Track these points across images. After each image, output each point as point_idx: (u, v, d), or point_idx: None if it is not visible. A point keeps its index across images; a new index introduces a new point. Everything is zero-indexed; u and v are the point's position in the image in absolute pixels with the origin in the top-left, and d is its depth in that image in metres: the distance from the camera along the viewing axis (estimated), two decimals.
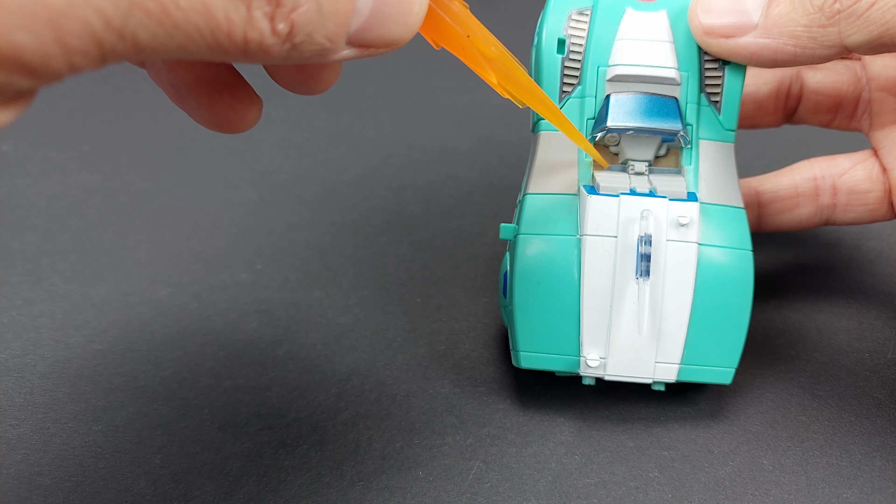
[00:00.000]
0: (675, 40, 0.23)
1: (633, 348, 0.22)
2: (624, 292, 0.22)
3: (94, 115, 0.40)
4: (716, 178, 0.23)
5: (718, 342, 0.22)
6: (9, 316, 0.27)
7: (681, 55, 0.23)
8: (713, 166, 0.23)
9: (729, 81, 0.23)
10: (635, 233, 0.22)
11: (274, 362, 0.26)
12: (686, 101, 0.23)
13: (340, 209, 0.33)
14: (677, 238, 0.22)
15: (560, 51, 0.24)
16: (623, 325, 0.22)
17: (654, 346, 0.22)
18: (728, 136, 0.23)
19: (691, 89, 0.23)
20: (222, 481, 0.22)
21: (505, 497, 0.21)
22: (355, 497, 0.21)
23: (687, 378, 0.22)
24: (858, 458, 0.22)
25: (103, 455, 0.22)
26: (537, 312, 0.22)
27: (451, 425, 0.23)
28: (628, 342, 0.22)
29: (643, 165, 0.23)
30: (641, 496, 0.21)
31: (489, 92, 0.35)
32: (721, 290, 0.22)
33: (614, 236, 0.22)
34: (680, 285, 0.22)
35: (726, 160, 0.23)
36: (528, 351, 0.23)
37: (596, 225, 0.22)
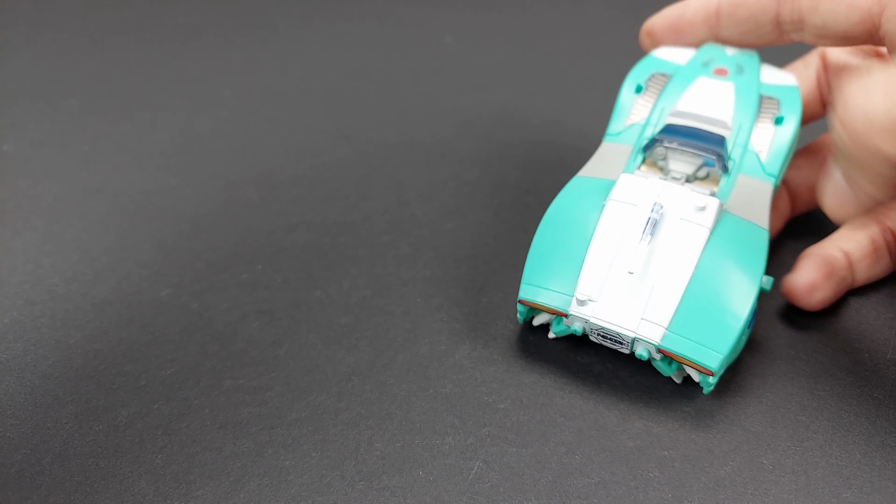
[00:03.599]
0: (736, 103, 0.26)
1: (624, 297, 0.23)
2: (628, 251, 0.23)
3: (95, 116, 0.40)
4: (746, 202, 0.24)
5: (712, 323, 0.22)
6: (10, 316, 0.27)
7: (737, 112, 0.26)
8: (746, 193, 0.25)
9: (778, 136, 0.25)
10: (651, 202, 0.24)
11: (275, 362, 0.26)
12: (734, 144, 0.26)
13: (340, 209, 0.33)
14: (691, 219, 0.23)
15: (637, 91, 0.28)
16: (619, 275, 0.23)
17: (644, 300, 0.22)
18: (768, 178, 0.25)
19: (741, 136, 0.26)
20: (223, 481, 0.22)
21: (505, 497, 0.21)
22: (356, 497, 0.21)
23: (670, 346, 0.22)
24: (858, 458, 0.22)
25: (104, 455, 0.23)
26: (548, 253, 0.24)
27: (451, 425, 0.23)
28: (620, 289, 0.23)
29: (681, 175, 0.25)
30: (641, 496, 0.21)
31: (489, 92, 0.36)
32: (724, 279, 0.22)
33: (634, 204, 0.24)
34: (683, 259, 0.23)
35: (761, 194, 0.25)
36: (529, 283, 0.24)
37: (620, 194, 0.25)
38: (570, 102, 0.43)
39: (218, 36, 0.50)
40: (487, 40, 0.51)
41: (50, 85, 0.43)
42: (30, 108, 0.41)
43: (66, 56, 0.47)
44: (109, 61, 0.46)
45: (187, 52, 0.48)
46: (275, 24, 0.51)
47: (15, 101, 0.42)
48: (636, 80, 0.28)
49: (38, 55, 0.47)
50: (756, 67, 0.28)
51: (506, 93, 0.44)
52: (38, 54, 0.47)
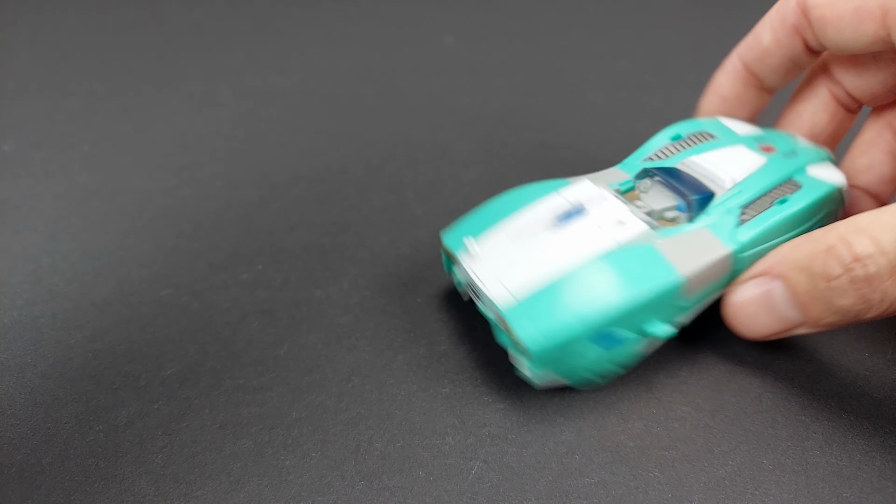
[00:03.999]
0: (753, 173, 0.26)
1: (501, 262, 0.24)
2: (531, 228, 0.25)
3: (95, 116, 0.40)
4: (682, 249, 0.23)
5: (558, 318, 0.22)
6: (10, 316, 0.27)
7: (748, 180, 0.26)
8: (691, 244, 0.24)
9: (770, 214, 0.25)
10: (582, 200, 0.25)
11: (275, 362, 0.26)
12: (722, 204, 0.25)
13: (340, 209, 0.33)
14: (607, 229, 0.24)
15: (673, 138, 0.28)
16: (511, 244, 0.24)
17: (515, 271, 0.23)
18: (729, 243, 0.24)
19: (735, 200, 0.25)
20: (223, 481, 0.22)
21: (505, 496, 0.21)
22: (356, 497, 0.21)
23: (508, 318, 0.22)
24: (858, 458, 0.22)
25: (104, 455, 0.23)
26: (480, 215, 0.26)
27: (451, 425, 0.23)
28: (503, 255, 0.24)
29: (647, 207, 0.26)
30: (641, 496, 0.21)
31: (489, 92, 0.36)
32: (599, 291, 0.22)
33: (572, 203, 0.25)
34: (574, 255, 0.23)
35: (707, 250, 0.23)
36: (451, 230, 0.26)
37: (569, 191, 0.26)
38: (570, 102, 0.43)
39: (218, 36, 0.50)
40: (487, 40, 0.51)
41: (50, 85, 0.43)
42: (30, 108, 0.41)
43: (66, 56, 0.46)
44: (109, 61, 0.46)
45: (187, 52, 0.48)
46: (275, 24, 0.51)
47: (15, 101, 0.42)
48: (679, 129, 0.28)
49: (38, 55, 0.47)
50: (812, 158, 0.27)
51: (506, 93, 0.44)
52: (38, 54, 0.47)
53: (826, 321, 0.22)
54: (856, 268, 0.20)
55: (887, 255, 0.20)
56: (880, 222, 0.20)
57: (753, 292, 0.23)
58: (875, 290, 0.20)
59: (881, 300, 0.20)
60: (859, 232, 0.20)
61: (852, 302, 0.21)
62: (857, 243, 0.20)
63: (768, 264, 0.23)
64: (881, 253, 0.20)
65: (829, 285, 0.21)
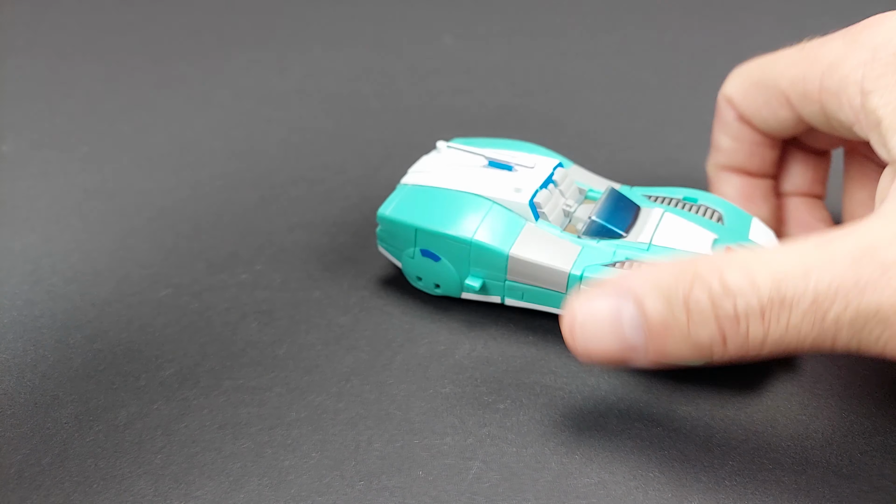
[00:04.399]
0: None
1: (433, 166, 0.28)
2: (470, 161, 0.28)
3: (94, 116, 0.40)
4: (543, 240, 0.26)
5: (413, 205, 0.27)
6: (10, 316, 0.27)
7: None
8: (551, 243, 0.26)
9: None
10: (521, 163, 0.28)
11: (274, 362, 0.26)
12: (622, 244, 0.25)
13: (340, 209, 0.33)
14: (503, 185, 0.27)
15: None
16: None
17: (427, 173, 0.28)
18: (577, 268, 0.25)
19: (628, 250, 0.25)
20: (223, 481, 0.22)
21: (505, 497, 0.21)
22: (355, 497, 0.21)
23: (393, 193, 0.28)
24: (858, 458, 0.22)
25: (104, 455, 0.23)
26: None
27: (451, 425, 0.23)
28: (440, 162, 0.29)
29: (569, 206, 0.27)
30: (641, 496, 0.21)
31: (489, 92, 0.35)
32: (446, 209, 0.27)
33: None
34: (461, 184, 0.27)
35: (554, 256, 0.25)
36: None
37: (525, 155, 0.29)
38: (570, 102, 0.43)
39: (217, 36, 0.50)
40: (487, 40, 0.51)
41: (50, 85, 0.43)
42: (30, 108, 0.41)
43: (66, 56, 0.46)
44: (109, 61, 0.46)
45: (187, 52, 0.48)
46: (274, 24, 0.51)
47: (15, 102, 0.42)
48: (702, 197, 0.28)
49: (38, 55, 0.47)
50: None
51: (506, 93, 0.44)
52: (37, 54, 0.47)
53: (673, 354, 0.20)
54: (724, 303, 0.18)
55: (760, 295, 0.18)
56: (758, 259, 0.19)
57: (601, 308, 0.20)
58: (738, 330, 0.19)
59: (742, 342, 0.19)
60: (734, 265, 0.19)
61: (710, 336, 0.19)
62: (731, 276, 0.18)
63: (626, 281, 0.20)
64: (754, 292, 0.18)
65: (688, 316, 0.19)
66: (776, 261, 0.19)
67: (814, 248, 0.19)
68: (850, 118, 0.23)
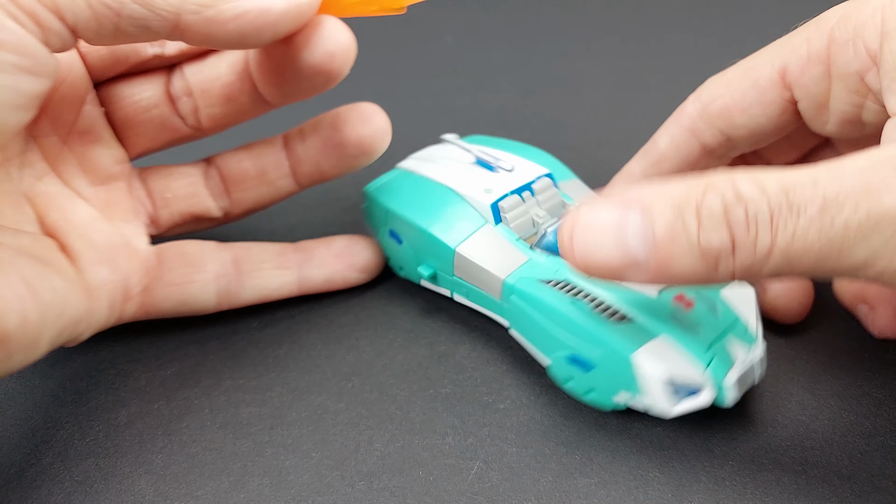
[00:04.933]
0: None
1: (430, 155, 0.29)
2: (462, 157, 0.29)
3: None
4: (492, 243, 0.26)
5: (392, 191, 0.28)
6: None
7: None
8: (500, 249, 0.26)
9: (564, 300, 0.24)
10: (510, 164, 0.28)
11: (275, 362, 0.26)
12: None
13: (340, 209, 0.33)
14: (478, 183, 0.27)
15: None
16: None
17: (421, 161, 0.29)
18: (512, 277, 0.25)
19: (573, 276, 0.24)
20: (223, 481, 0.22)
21: (505, 496, 0.21)
22: (356, 497, 0.21)
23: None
24: (858, 458, 0.22)
25: (104, 455, 0.23)
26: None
27: (451, 425, 0.23)
28: (436, 153, 0.29)
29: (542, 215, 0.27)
30: (641, 496, 0.21)
31: (489, 92, 0.35)
32: (416, 198, 0.27)
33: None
34: (442, 177, 0.28)
35: (496, 261, 0.25)
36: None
37: (521, 161, 0.28)
38: (570, 102, 0.43)
39: None
40: (487, 40, 0.51)
41: None
42: None
43: None
44: None
45: None
46: None
47: None
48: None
49: None
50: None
51: (506, 93, 0.44)
52: None
53: (677, 266, 0.19)
54: (735, 209, 0.18)
55: (770, 200, 0.18)
56: (768, 171, 0.19)
57: (605, 216, 0.19)
58: (748, 236, 0.18)
59: (750, 250, 0.18)
60: (746, 176, 0.19)
61: (720, 242, 0.18)
62: (743, 184, 0.18)
63: (633, 192, 0.20)
64: (764, 197, 0.18)
65: (699, 222, 0.18)
66: (786, 173, 0.19)
67: (824, 165, 0.19)
68: (862, 65, 0.22)
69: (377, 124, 0.27)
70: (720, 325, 0.22)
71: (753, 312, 0.23)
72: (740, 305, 0.23)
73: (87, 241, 0.24)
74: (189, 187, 0.27)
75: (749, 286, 0.24)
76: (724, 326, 0.22)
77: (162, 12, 0.20)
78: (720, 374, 0.21)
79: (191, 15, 0.20)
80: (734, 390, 0.21)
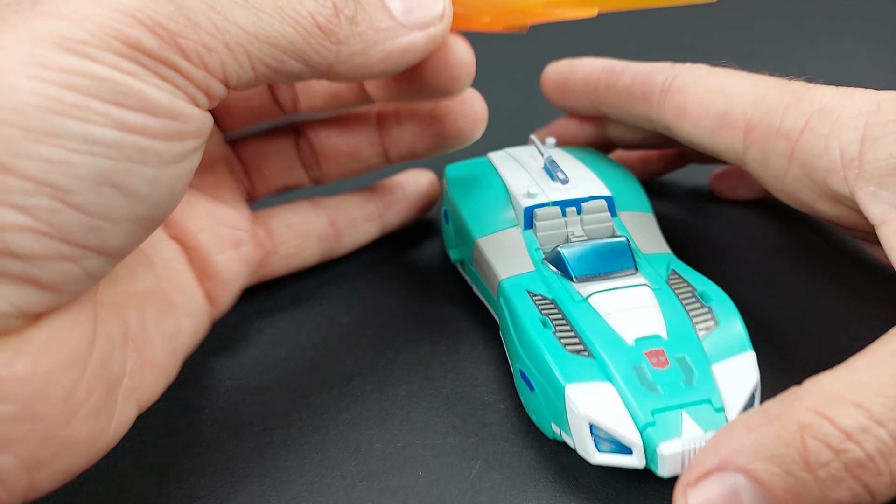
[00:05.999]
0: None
1: (516, 155, 0.30)
2: (536, 163, 0.28)
3: None
4: (507, 243, 0.26)
5: (468, 180, 0.29)
6: None
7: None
8: (510, 245, 0.26)
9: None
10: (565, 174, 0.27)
11: (275, 363, 0.26)
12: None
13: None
14: (531, 184, 0.27)
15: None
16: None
17: (504, 156, 0.30)
18: (506, 272, 0.25)
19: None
20: (225, 481, 0.22)
21: (506, 496, 0.21)
22: (357, 497, 0.21)
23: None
24: None
25: (105, 455, 0.22)
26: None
27: (452, 425, 0.23)
28: (519, 154, 0.29)
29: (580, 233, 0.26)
30: (641, 496, 0.21)
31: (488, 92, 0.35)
32: (476, 190, 0.28)
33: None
34: (510, 174, 0.28)
35: (503, 257, 0.26)
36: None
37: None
38: None
39: None
40: (487, 40, 0.51)
41: None
42: None
43: None
44: None
45: None
46: None
47: None
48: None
49: None
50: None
51: (506, 93, 0.44)
52: None
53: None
54: (850, 448, 0.16)
55: (885, 425, 0.16)
56: (857, 384, 0.16)
57: (716, 493, 0.17)
58: (881, 474, 0.16)
59: (889, 484, 0.16)
60: (837, 402, 0.16)
61: (851, 493, 0.16)
62: (842, 416, 0.16)
63: (721, 455, 0.17)
64: (877, 424, 0.16)
65: (815, 476, 0.16)
66: (875, 376, 0.16)
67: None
68: (830, 166, 0.21)
69: (478, 113, 0.27)
70: (686, 395, 0.20)
71: (745, 393, 0.20)
72: (731, 383, 0.21)
73: (210, 233, 0.24)
74: (284, 161, 0.28)
75: (752, 357, 0.21)
76: (691, 398, 0.20)
77: (317, 66, 0.20)
78: (654, 441, 0.19)
79: (342, 65, 0.21)
80: (670, 463, 0.19)
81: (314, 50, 0.20)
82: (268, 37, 0.19)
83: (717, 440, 0.18)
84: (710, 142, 0.25)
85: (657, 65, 0.28)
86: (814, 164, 0.22)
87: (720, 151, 0.25)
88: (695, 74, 0.26)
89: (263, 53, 0.19)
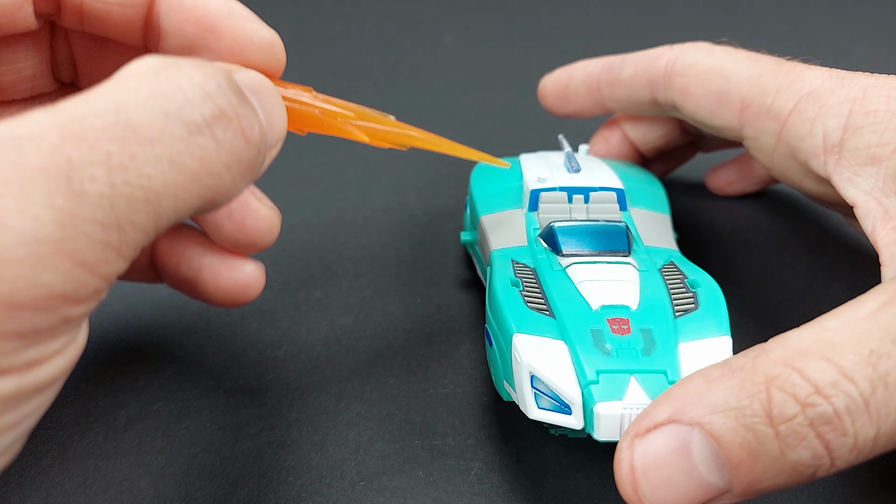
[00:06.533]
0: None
1: (543, 155, 0.30)
2: (557, 159, 0.29)
3: None
4: (510, 223, 0.26)
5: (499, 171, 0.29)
6: None
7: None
8: (510, 224, 0.26)
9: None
10: (584, 169, 0.27)
11: (274, 363, 0.26)
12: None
13: (340, 209, 0.33)
14: (549, 175, 0.27)
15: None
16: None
17: (531, 157, 0.30)
18: (498, 244, 0.25)
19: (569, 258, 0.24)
20: (223, 482, 0.22)
21: (505, 497, 0.21)
22: (356, 497, 0.21)
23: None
24: None
25: (104, 456, 0.22)
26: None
27: (451, 426, 0.23)
28: (543, 158, 0.29)
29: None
30: None
31: (488, 92, 0.35)
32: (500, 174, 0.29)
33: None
34: (532, 165, 0.28)
35: (501, 231, 0.26)
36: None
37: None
38: None
39: None
40: (487, 40, 0.51)
41: None
42: None
43: None
44: None
45: None
46: (274, 23, 0.51)
47: None
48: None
49: None
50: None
51: (506, 93, 0.44)
52: None
53: (766, 484, 0.15)
54: (818, 402, 0.15)
55: (855, 382, 0.15)
56: (827, 341, 0.15)
57: (663, 445, 0.16)
58: (845, 434, 0.15)
59: (851, 447, 0.15)
60: (807, 355, 0.15)
61: (812, 454, 0.15)
62: (812, 370, 0.15)
63: (674, 406, 0.16)
64: (847, 380, 0.15)
65: (776, 431, 0.15)
66: (847, 335, 0.16)
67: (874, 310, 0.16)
68: (812, 149, 0.23)
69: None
70: (640, 363, 0.19)
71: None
72: (697, 362, 0.19)
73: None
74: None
75: (728, 341, 0.20)
76: (644, 366, 0.19)
77: None
78: (593, 400, 0.18)
79: None
80: (605, 424, 0.18)
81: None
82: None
83: (672, 391, 0.16)
84: (710, 120, 0.26)
85: (655, 50, 0.28)
86: (798, 146, 0.23)
87: (720, 129, 0.26)
88: (695, 56, 0.27)
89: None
